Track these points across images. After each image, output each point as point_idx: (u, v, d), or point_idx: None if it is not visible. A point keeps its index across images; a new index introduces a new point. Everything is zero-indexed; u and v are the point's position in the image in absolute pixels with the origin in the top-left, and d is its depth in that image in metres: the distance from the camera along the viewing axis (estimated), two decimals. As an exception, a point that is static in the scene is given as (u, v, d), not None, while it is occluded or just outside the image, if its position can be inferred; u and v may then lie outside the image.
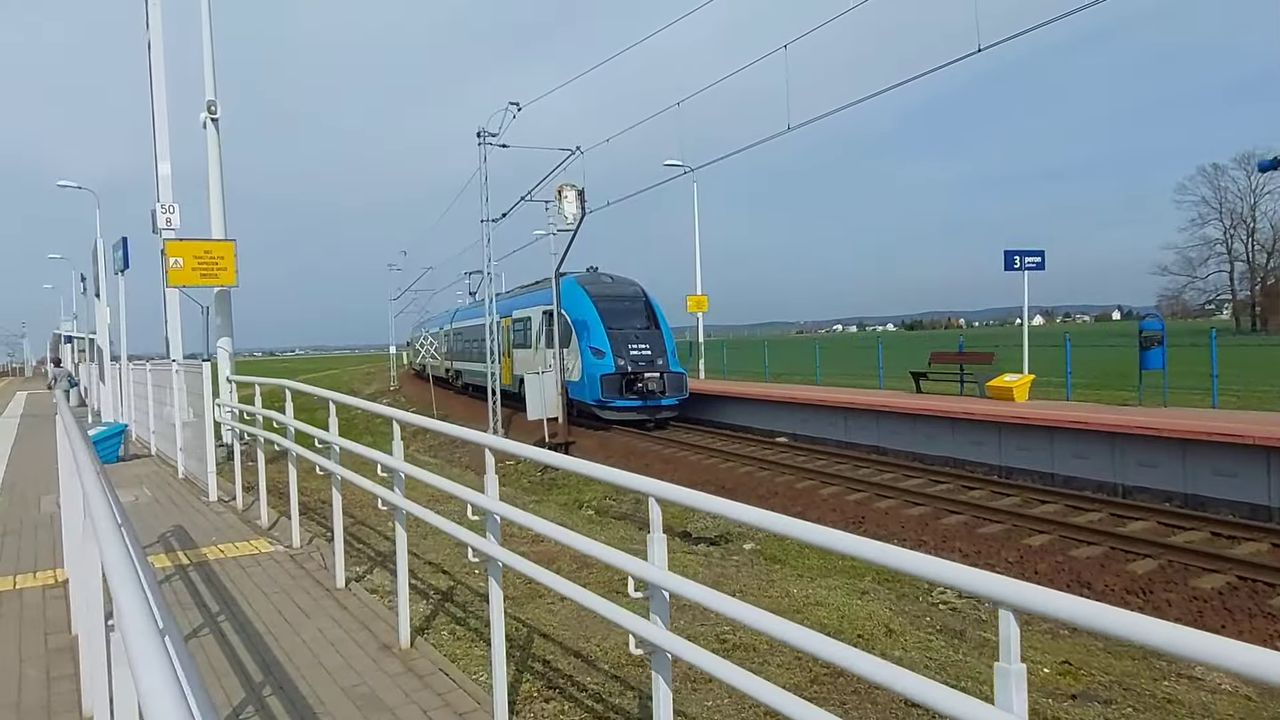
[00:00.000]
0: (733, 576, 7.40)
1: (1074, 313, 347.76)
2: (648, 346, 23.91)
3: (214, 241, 12.43)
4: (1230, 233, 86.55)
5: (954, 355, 21.90)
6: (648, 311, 25.40)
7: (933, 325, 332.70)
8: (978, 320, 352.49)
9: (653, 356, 23.67)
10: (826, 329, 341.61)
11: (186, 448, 10.86)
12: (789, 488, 15.28)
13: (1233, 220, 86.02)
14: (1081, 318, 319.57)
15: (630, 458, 20.45)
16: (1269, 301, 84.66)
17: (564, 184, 21.23)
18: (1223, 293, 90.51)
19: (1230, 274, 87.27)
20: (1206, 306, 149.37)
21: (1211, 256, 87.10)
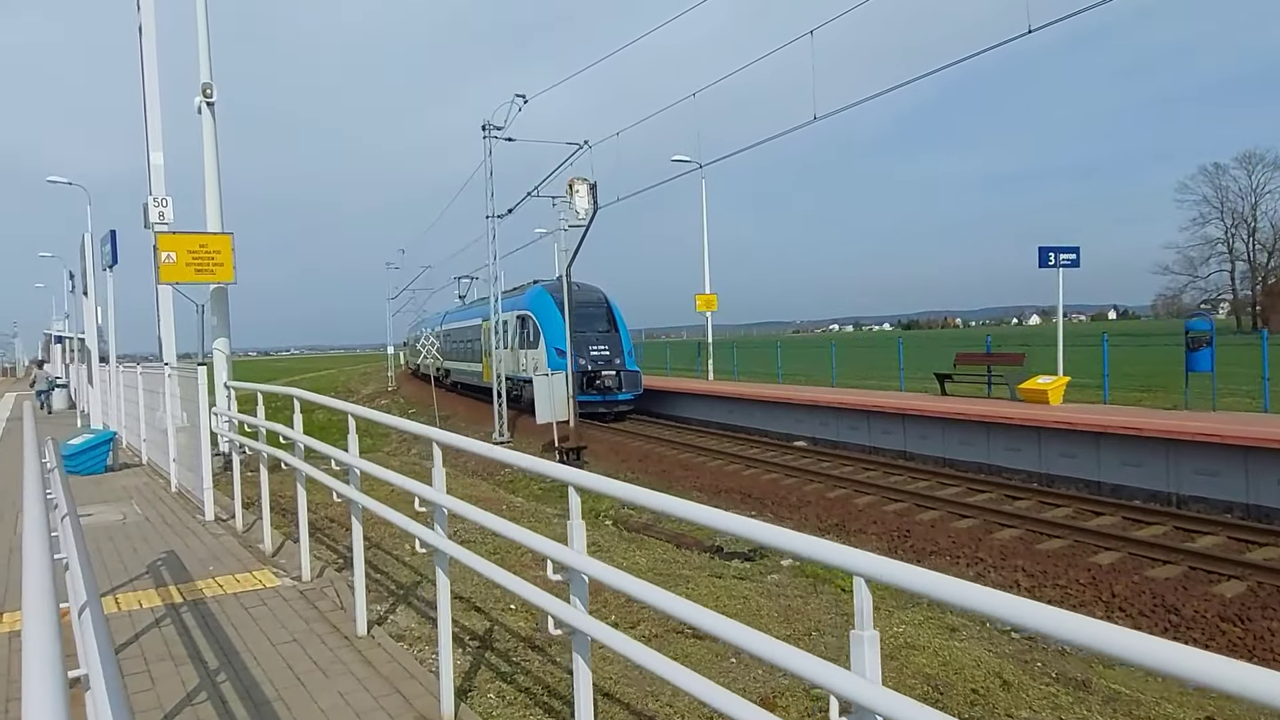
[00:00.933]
0: (801, 610, 6.52)
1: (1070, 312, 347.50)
2: (607, 348, 26.66)
3: (210, 235, 11.51)
4: (1231, 232, 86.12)
5: (981, 356, 21.04)
6: (609, 316, 27.98)
7: (929, 325, 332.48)
8: (974, 320, 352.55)
9: (611, 356, 26.41)
10: (823, 328, 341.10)
11: (180, 458, 9.96)
12: (820, 497, 14.41)
13: (1234, 219, 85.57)
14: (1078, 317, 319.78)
15: (647, 462, 19.58)
16: (1270, 301, 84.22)
17: (575, 178, 20.35)
18: (1223, 292, 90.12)
19: (1231, 273, 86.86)
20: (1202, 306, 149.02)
21: (1213, 256, 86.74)
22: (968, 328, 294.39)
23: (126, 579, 6.07)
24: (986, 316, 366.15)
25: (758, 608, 6.43)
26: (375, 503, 4.77)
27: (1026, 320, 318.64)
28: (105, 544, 7.23)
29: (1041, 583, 9.56)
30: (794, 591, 7.40)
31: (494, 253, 26.16)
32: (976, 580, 10.12)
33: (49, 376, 32.57)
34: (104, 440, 11.59)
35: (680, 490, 16.62)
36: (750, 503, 14.89)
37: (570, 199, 20.33)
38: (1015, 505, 12.94)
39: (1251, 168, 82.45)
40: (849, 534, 12.31)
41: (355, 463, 4.93)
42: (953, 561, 10.61)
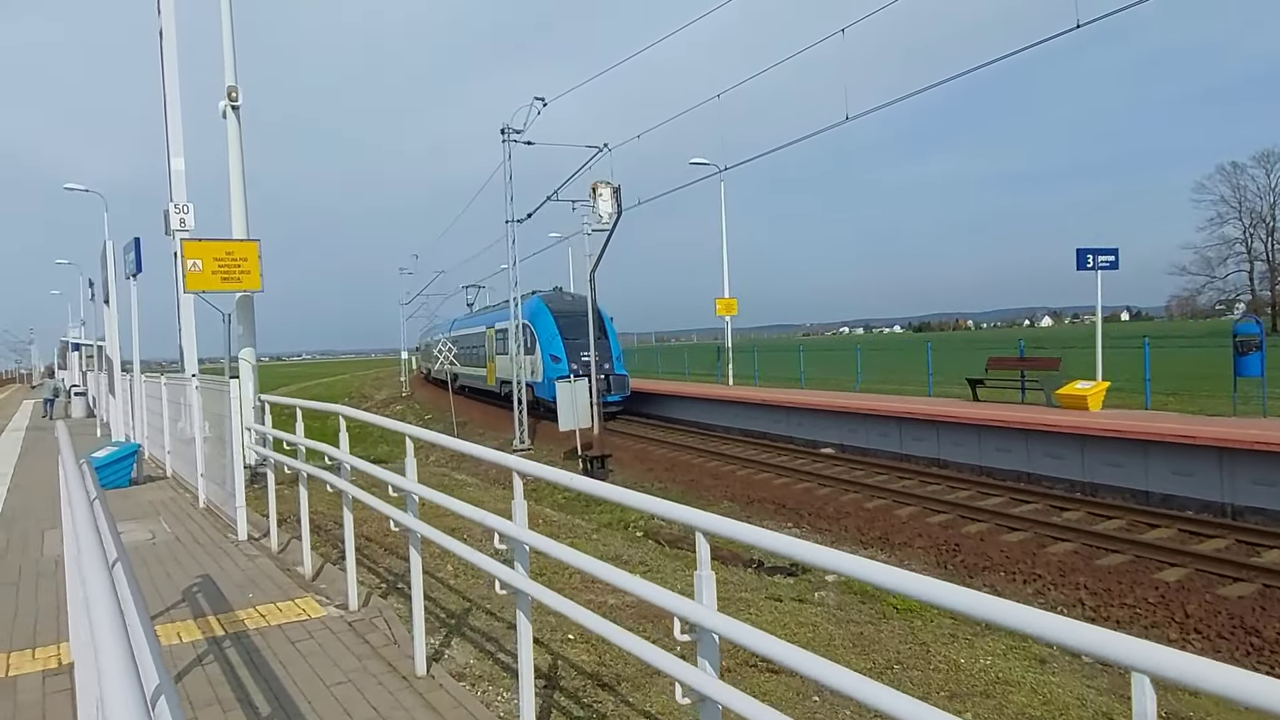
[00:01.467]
0: (875, 639, 6.12)
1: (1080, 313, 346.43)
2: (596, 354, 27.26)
3: (236, 242, 11.20)
4: (1250, 232, 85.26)
5: (1015, 361, 20.58)
6: (600, 324, 28.19)
7: (940, 327, 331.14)
8: (985, 322, 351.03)
9: (600, 361, 26.69)
10: (833, 331, 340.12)
11: (208, 472, 9.63)
12: (858, 508, 13.99)
13: (1252, 219, 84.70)
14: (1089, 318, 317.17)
15: (674, 471, 19.20)
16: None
17: (599, 181, 20.00)
18: (1241, 292, 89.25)
19: (1250, 273, 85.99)
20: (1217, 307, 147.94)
21: (1231, 256, 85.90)
22: (979, 329, 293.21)
23: (163, 607, 5.73)
24: (997, 319, 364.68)
25: (829, 636, 6.04)
26: (440, 534, 4.41)
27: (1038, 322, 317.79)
28: (137, 566, 6.87)
29: (1106, 602, 9.13)
30: (861, 617, 7.00)
31: (513, 258, 25.85)
32: (1036, 600, 9.73)
33: (55, 385, 32.51)
34: (128, 453, 11.29)
35: (710, 500, 16.24)
36: (785, 514, 14.49)
37: (594, 203, 19.98)
38: (1064, 517, 12.51)
39: (1270, 166, 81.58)
40: (894, 547, 11.90)
41: (415, 489, 4.58)
42: (1008, 579, 10.19)
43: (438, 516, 6.48)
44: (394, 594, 6.46)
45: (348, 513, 5.64)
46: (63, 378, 38.26)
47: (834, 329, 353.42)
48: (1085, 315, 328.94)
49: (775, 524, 13.93)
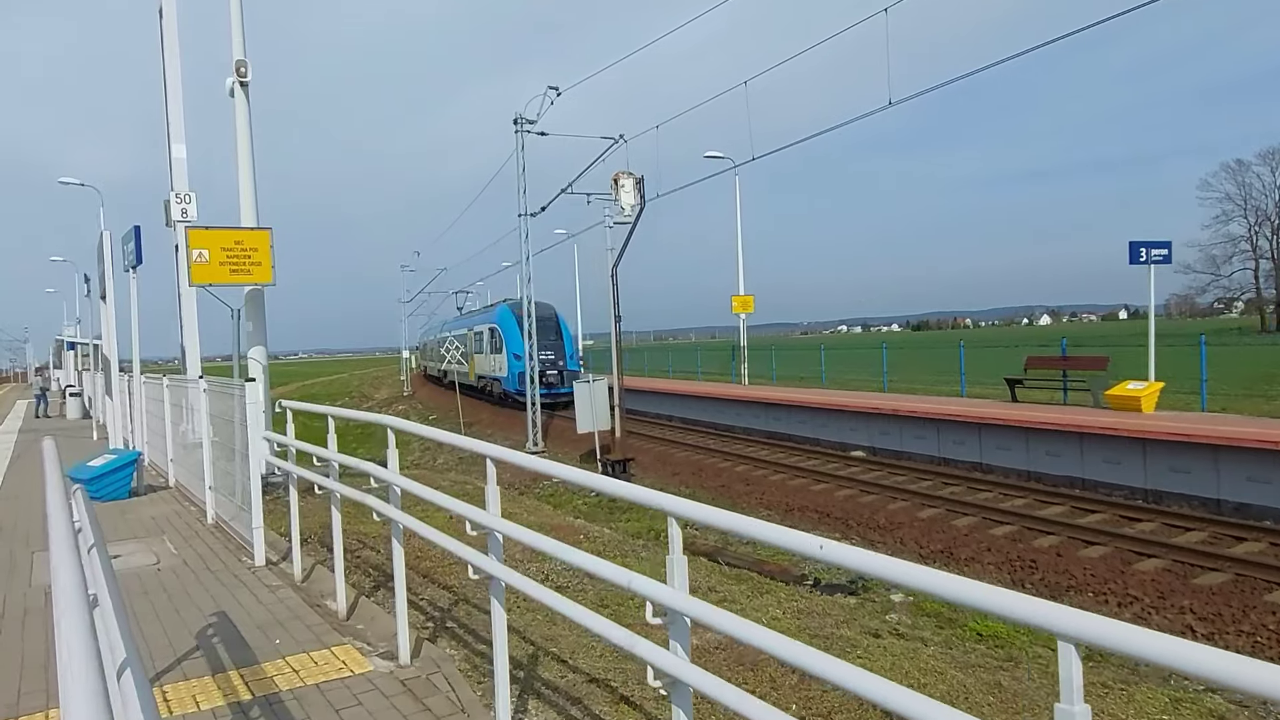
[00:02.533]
0: (1014, 690, 5.17)
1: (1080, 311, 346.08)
2: (553, 353, 33.01)
3: (245, 230, 10.23)
4: (1255, 230, 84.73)
5: (1057, 360, 19.68)
6: (556, 329, 34.58)
7: (939, 325, 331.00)
8: (984, 320, 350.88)
9: (555, 359, 32.86)
10: (831, 329, 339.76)
11: (217, 485, 8.67)
12: (910, 517, 13.06)
13: (1258, 217, 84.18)
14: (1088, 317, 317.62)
15: (700, 475, 18.27)
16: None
17: (621, 172, 19.05)
18: (1246, 291, 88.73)
19: (1255, 271, 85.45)
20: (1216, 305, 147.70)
21: (1236, 254, 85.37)
22: (978, 328, 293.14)
23: (173, 658, 4.77)
24: (995, 316, 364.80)
25: (961, 685, 5.11)
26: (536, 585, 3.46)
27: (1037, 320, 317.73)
28: (139, 599, 5.94)
29: (1220, 629, 8.22)
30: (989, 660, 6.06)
31: (526, 253, 24.87)
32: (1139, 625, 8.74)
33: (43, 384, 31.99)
34: (128, 462, 10.32)
35: (747, 508, 15.30)
36: (831, 523, 13.56)
37: (615, 194, 19.04)
38: (1139, 528, 11.59)
39: (1275, 164, 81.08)
40: (960, 563, 10.98)
41: (499, 526, 3.64)
42: (1098, 600, 9.27)
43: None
44: (450, 639, 5.51)
45: (398, 547, 4.69)
46: (57, 377, 37.34)
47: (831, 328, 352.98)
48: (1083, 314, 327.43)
49: (821, 534, 13.01)
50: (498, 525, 3.74)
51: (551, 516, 10.99)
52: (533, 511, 11.12)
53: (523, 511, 10.91)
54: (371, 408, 53.95)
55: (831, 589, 10.44)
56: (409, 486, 4.51)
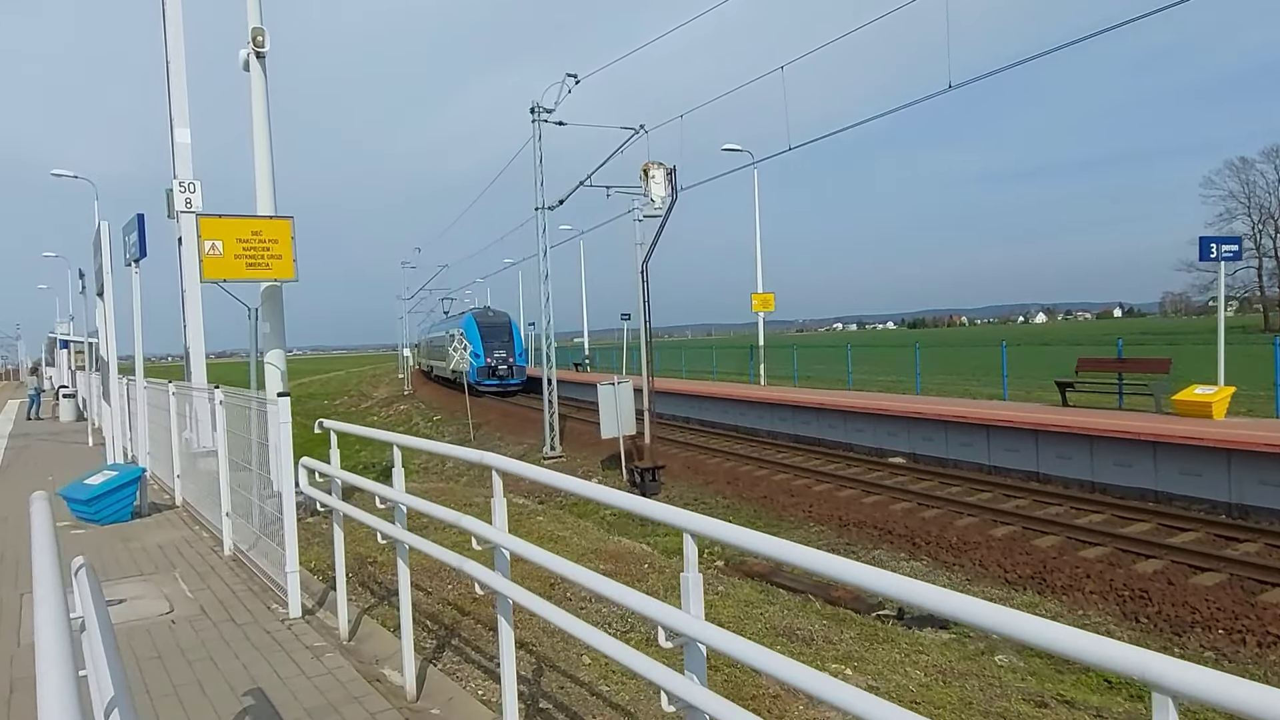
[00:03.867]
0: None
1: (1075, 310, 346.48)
2: (505, 352, 42.65)
3: (265, 219, 9.08)
4: (1258, 228, 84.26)
5: (1113, 362, 18.60)
6: (508, 332, 44.32)
7: (935, 323, 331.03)
8: (980, 318, 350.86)
9: (506, 357, 42.38)
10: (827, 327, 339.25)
11: (236, 509, 7.54)
12: (983, 535, 11.97)
13: (1261, 215, 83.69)
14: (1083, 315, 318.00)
15: (737, 485, 17.16)
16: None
17: (651, 162, 17.93)
18: (1249, 289, 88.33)
19: (1259, 270, 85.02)
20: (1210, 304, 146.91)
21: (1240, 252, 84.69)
22: (973, 325, 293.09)
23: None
24: (991, 315, 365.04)
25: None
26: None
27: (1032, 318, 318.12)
28: (151, 666, 4.81)
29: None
30: None
31: (544, 247, 23.73)
32: None
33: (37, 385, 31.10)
34: (131, 479, 9.17)
35: (793, 524, 14.23)
36: (896, 541, 12.48)
37: (645, 186, 17.92)
38: (1241, 550, 10.52)
39: (1279, 162, 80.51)
40: (1055, 592, 9.90)
41: (505, 541, 2.53)
42: (1233, 642, 8.18)
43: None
44: None
45: (506, 628, 3.56)
46: (50, 375, 36.15)
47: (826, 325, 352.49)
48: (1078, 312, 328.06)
49: (889, 557, 11.92)
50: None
51: (601, 541, 9.86)
52: (581, 534, 9.99)
53: (572, 534, 9.78)
54: (371, 407, 52.72)
55: (919, 623, 9.36)
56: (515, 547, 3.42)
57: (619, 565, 8.55)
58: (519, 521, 10.24)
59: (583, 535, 9.79)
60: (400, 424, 42.06)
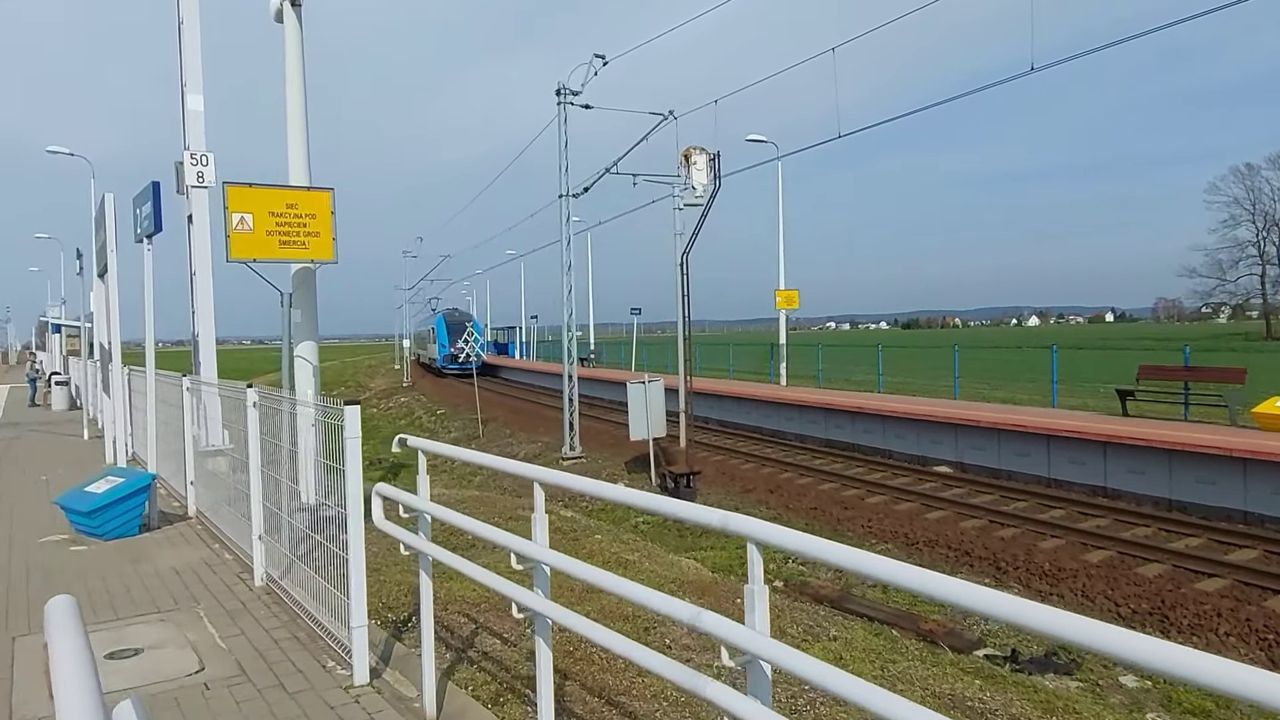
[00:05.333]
0: None
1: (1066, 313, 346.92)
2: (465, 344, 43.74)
3: (301, 190, 7.87)
4: (1263, 235, 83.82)
5: (1180, 370, 17.51)
6: (469, 327, 48.10)
7: (928, 324, 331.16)
8: (973, 320, 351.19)
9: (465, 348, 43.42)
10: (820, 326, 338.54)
11: (270, 531, 6.36)
12: (1078, 560, 10.85)
13: (1266, 222, 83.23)
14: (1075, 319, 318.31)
15: (781, 494, 16.01)
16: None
17: (693, 147, 16.75)
18: (1253, 295, 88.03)
19: (1262, 276, 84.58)
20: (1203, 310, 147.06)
21: (1243, 259, 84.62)
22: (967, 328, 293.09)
23: None
24: (984, 316, 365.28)
25: None
26: None
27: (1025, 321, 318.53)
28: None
29: None
30: None
31: (567, 236, 22.54)
32: None
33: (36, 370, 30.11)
34: (139, 487, 7.97)
35: (854, 539, 13.08)
36: (978, 564, 11.37)
37: (686, 173, 16.73)
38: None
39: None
40: (1185, 631, 8.79)
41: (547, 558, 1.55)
42: None
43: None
44: None
45: None
46: (41, 361, 34.87)
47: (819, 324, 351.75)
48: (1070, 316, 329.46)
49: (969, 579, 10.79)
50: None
51: (675, 566, 8.69)
52: (650, 557, 8.80)
53: (641, 558, 8.60)
54: (369, 399, 51.34)
55: (1038, 666, 8.23)
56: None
57: (707, 599, 7.40)
58: (576, 540, 9.07)
59: (653, 559, 8.62)
60: (402, 418, 40.84)
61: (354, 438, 4.37)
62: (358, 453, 4.38)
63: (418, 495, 4.02)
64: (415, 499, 4.02)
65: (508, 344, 71.02)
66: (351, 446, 4.36)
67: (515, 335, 70.84)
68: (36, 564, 7.05)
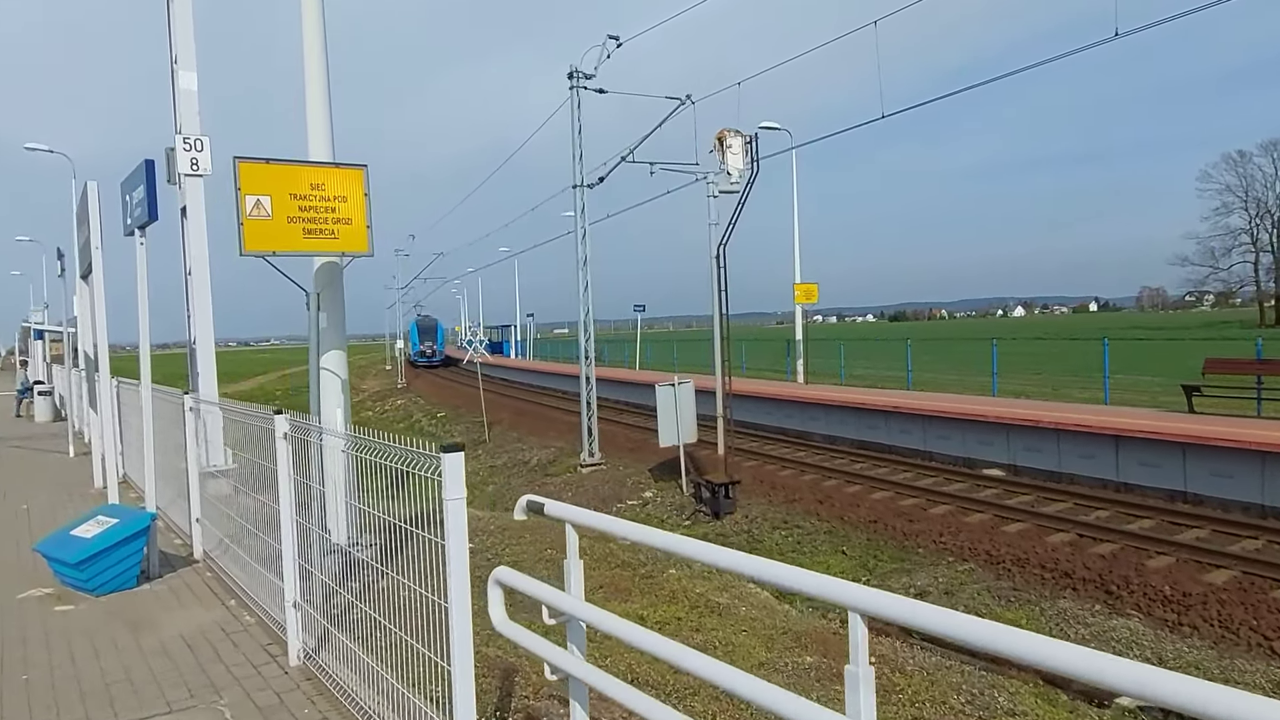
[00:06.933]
0: None
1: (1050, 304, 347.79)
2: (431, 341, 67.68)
3: (328, 168, 6.50)
4: (1255, 222, 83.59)
5: (1251, 364, 16.38)
6: (435, 330, 70.23)
7: (915, 316, 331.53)
8: (959, 312, 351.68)
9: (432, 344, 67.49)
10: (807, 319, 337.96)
11: (307, 598, 5.04)
12: (1200, 584, 9.60)
13: (1258, 209, 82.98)
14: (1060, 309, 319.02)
15: (830, 505, 14.72)
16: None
17: (728, 130, 15.46)
18: (1246, 283, 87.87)
19: (1255, 264, 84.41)
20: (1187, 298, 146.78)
21: (1235, 246, 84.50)
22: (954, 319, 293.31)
23: None
24: (969, 308, 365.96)
25: None
26: None
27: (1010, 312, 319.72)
28: None
29: None
30: None
31: (583, 229, 21.18)
32: None
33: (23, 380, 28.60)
34: (136, 530, 6.59)
35: (928, 557, 11.85)
36: (1082, 587, 10.12)
37: (721, 158, 15.44)
38: None
39: (1277, 156, 79.76)
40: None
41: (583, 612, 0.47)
42: None
43: None
44: None
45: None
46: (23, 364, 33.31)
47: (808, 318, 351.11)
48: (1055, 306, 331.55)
49: (1082, 610, 9.54)
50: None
51: (772, 613, 7.38)
52: (745, 599, 7.49)
53: (734, 600, 7.28)
54: (363, 401, 49.80)
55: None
56: None
57: (827, 655, 6.12)
58: (650, 578, 7.75)
59: (746, 600, 7.32)
60: (400, 421, 39.39)
61: (457, 499, 3.05)
62: (462, 521, 3.06)
63: (568, 591, 2.70)
64: (562, 597, 2.71)
65: (502, 343, 69.44)
66: (454, 512, 3.04)
67: (511, 334, 69.41)
68: (13, 632, 5.70)
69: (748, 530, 14.25)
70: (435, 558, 3.31)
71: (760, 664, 5.71)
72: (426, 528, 3.36)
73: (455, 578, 3.05)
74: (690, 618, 6.58)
